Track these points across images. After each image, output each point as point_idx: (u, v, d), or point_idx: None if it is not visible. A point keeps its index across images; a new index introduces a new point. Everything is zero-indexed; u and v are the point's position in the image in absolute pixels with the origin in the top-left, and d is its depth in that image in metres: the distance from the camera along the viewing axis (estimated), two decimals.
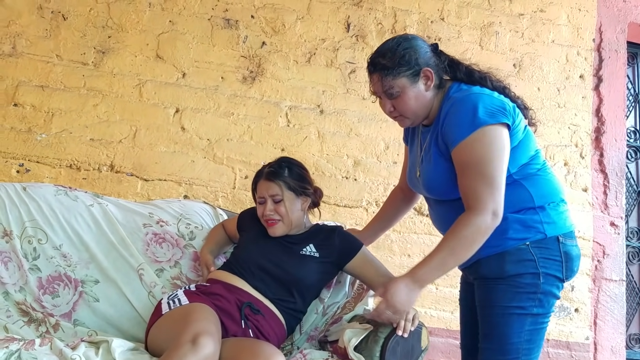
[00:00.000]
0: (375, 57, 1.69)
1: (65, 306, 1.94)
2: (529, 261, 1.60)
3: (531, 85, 3.03)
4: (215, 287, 1.79)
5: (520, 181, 1.63)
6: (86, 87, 2.60)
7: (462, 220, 1.55)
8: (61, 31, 2.62)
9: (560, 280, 1.64)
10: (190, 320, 1.53)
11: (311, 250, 1.91)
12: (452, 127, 1.60)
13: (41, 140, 2.53)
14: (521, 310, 1.60)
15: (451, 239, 1.56)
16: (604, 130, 3.11)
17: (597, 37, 3.17)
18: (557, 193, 1.68)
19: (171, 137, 2.64)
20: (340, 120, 2.82)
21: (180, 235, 2.10)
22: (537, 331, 1.63)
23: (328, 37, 2.86)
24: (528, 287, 1.59)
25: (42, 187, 2.10)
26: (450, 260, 1.55)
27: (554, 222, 1.63)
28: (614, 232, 3.05)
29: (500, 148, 1.56)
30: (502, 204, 1.54)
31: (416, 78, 1.65)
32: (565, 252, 1.63)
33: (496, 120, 1.56)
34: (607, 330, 2.97)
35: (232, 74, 2.74)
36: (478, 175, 1.54)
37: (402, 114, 1.69)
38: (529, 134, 1.69)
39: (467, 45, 2.99)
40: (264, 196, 1.92)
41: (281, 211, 1.90)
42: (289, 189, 1.91)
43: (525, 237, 1.60)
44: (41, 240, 1.99)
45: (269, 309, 1.80)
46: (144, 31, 2.68)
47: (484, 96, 1.61)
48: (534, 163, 1.67)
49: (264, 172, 1.94)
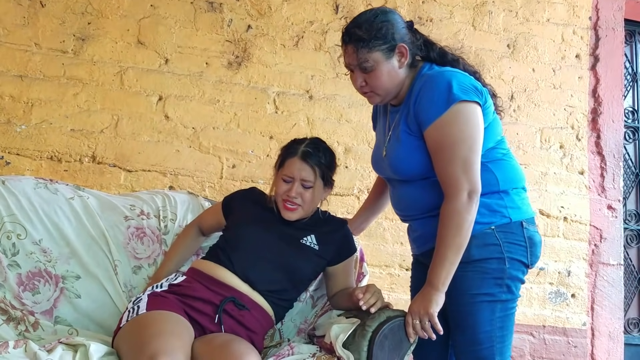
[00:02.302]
0: (351, 27, 1.64)
1: (46, 303, 1.89)
2: (494, 245, 1.60)
3: (526, 66, 2.96)
4: (193, 286, 1.69)
5: (487, 164, 1.62)
6: (66, 76, 2.52)
7: (443, 212, 1.56)
8: (39, 18, 2.53)
9: (525, 266, 1.64)
10: (147, 338, 1.43)
11: (312, 241, 1.83)
12: (426, 104, 1.58)
13: (21, 131, 2.46)
14: (490, 297, 1.60)
15: (443, 235, 1.56)
16: (601, 111, 3.05)
17: (593, 15, 3.09)
18: (520, 179, 1.70)
19: (154, 126, 2.57)
20: (330, 106, 2.75)
21: (160, 229, 2.04)
22: (508, 317, 1.64)
23: (316, 20, 2.78)
24: (494, 273, 1.60)
25: (22, 180, 2.04)
26: (452, 254, 1.55)
27: (518, 207, 1.65)
28: (611, 215, 3.00)
29: (475, 125, 1.56)
30: (477, 181, 1.55)
31: (391, 53, 1.62)
32: (529, 237, 1.64)
33: (470, 97, 1.55)
34: (604, 316, 2.93)
35: (217, 60, 2.66)
36: (452, 158, 1.54)
37: (373, 89, 1.66)
38: (497, 120, 1.70)
39: (460, 26, 2.91)
40: (294, 176, 1.77)
41: (307, 198, 1.78)
42: (322, 177, 1.81)
43: (491, 222, 1.61)
44: (20, 235, 1.94)
45: (254, 303, 1.71)
46: (125, 16, 2.60)
47: (458, 74, 1.61)
48: (500, 148, 1.68)
49: (299, 150, 1.79)
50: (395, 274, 2.72)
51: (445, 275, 1.55)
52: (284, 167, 1.81)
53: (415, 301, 1.60)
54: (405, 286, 2.69)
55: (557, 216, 2.90)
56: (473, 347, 1.62)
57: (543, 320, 2.84)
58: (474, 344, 1.62)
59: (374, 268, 2.66)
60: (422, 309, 1.57)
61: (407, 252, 2.71)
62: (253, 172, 2.63)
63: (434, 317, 1.56)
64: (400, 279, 2.71)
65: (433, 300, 1.55)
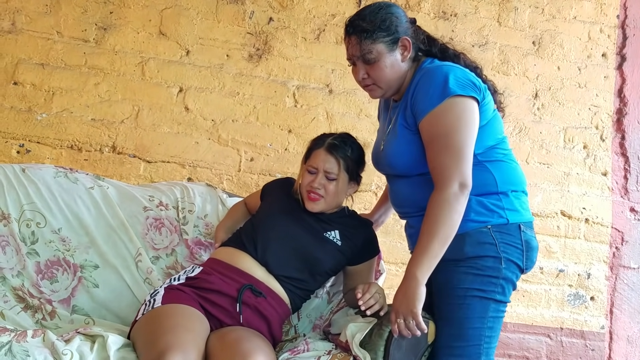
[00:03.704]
0: (355, 19, 1.65)
1: (63, 292, 1.91)
2: (489, 244, 1.56)
3: (551, 63, 2.90)
4: (210, 278, 1.69)
5: (485, 164, 1.60)
6: (87, 65, 2.53)
7: (431, 202, 1.52)
8: (62, 7, 2.54)
9: (520, 270, 1.60)
10: (160, 332, 1.43)
11: (335, 236, 1.82)
12: (422, 97, 1.57)
13: (41, 120, 2.47)
14: (483, 293, 1.56)
15: (428, 225, 1.51)
16: (626, 111, 2.98)
17: (621, 13, 3.02)
18: (520, 182, 1.67)
19: (174, 117, 2.56)
20: (349, 101, 2.73)
21: (179, 220, 2.04)
22: (498, 320, 1.59)
23: (338, 13, 2.75)
24: (489, 271, 1.56)
25: (42, 168, 2.05)
26: (437, 246, 1.49)
27: (516, 209, 1.61)
28: (633, 218, 2.94)
29: (469, 119, 1.53)
30: (469, 174, 1.51)
31: (394, 46, 1.62)
32: (526, 240, 1.60)
33: (466, 92, 1.54)
34: (623, 319, 2.88)
35: (238, 52, 2.64)
36: (444, 148, 1.52)
37: (376, 82, 1.65)
38: (497, 118, 1.67)
39: (485, 22, 2.86)
40: (318, 167, 1.80)
41: (330, 190, 1.80)
42: (347, 170, 1.81)
43: (487, 221, 1.58)
44: (40, 223, 1.95)
45: (271, 290, 1.71)
46: (147, 6, 2.59)
47: (456, 69, 1.59)
48: (500, 148, 1.65)
49: (326, 142, 1.82)
50: None
51: (427, 267, 1.49)
52: (310, 158, 1.84)
53: (397, 298, 1.53)
54: None
55: (578, 217, 2.85)
56: (459, 343, 1.57)
57: (561, 323, 2.80)
58: (461, 340, 1.57)
59: (390, 265, 2.64)
60: (404, 307, 1.50)
61: None
62: (271, 165, 2.62)
63: (418, 316, 1.50)
64: None
65: (415, 296, 1.49)
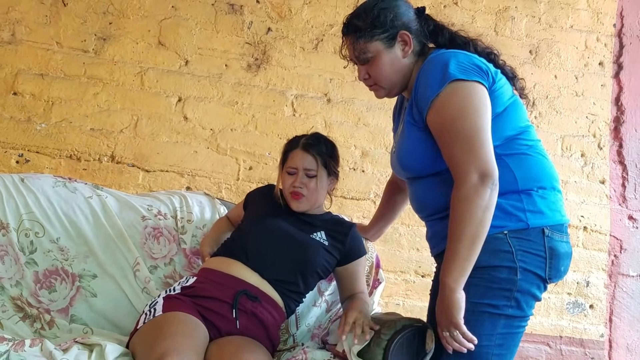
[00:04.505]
0: (350, 17, 1.57)
1: (62, 301, 1.91)
2: (505, 252, 1.41)
3: (548, 72, 2.92)
4: (204, 286, 1.70)
5: (504, 158, 1.44)
6: (86, 75, 2.54)
7: (451, 200, 1.39)
8: (61, 17, 2.55)
9: (542, 280, 1.44)
10: (159, 338, 1.43)
11: (321, 237, 1.84)
12: (422, 89, 1.45)
13: (41, 130, 2.48)
14: (493, 309, 1.42)
15: (452, 226, 1.38)
16: (624, 119, 2.99)
17: (618, 22, 3.04)
18: (548, 178, 1.49)
19: (173, 126, 2.57)
20: (348, 110, 2.74)
21: (177, 229, 2.04)
22: (512, 336, 1.45)
23: (336, 23, 2.76)
24: (502, 283, 1.41)
25: (41, 178, 2.05)
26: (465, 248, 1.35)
27: (540, 211, 1.44)
28: (632, 226, 2.95)
29: (477, 101, 1.39)
30: (488, 161, 1.36)
31: (392, 42, 1.52)
32: (550, 247, 1.43)
33: (469, 77, 1.41)
34: (623, 328, 2.87)
35: (237, 62, 2.66)
36: (454, 138, 1.38)
37: (377, 81, 1.57)
38: (517, 104, 1.52)
39: (482, 31, 2.87)
40: (297, 167, 1.84)
41: (311, 187, 1.83)
42: (324, 165, 1.85)
43: (503, 225, 1.42)
44: (38, 233, 1.95)
45: (265, 294, 1.72)
46: (146, 17, 2.61)
47: (459, 54, 1.47)
48: (522, 138, 1.48)
49: (300, 142, 1.87)
50: (410, 280, 2.70)
51: (459, 273, 1.35)
52: (287, 160, 1.88)
53: (437, 311, 1.43)
54: (420, 293, 2.67)
55: (577, 226, 2.85)
56: None
57: (560, 331, 2.79)
58: (466, 357, 1.43)
59: (389, 274, 2.64)
60: (444, 319, 1.39)
61: (423, 258, 2.69)
62: (269, 174, 2.62)
63: (460, 326, 1.37)
64: (416, 286, 2.69)
65: (452, 305, 1.36)
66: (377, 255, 2.15)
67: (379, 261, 2.14)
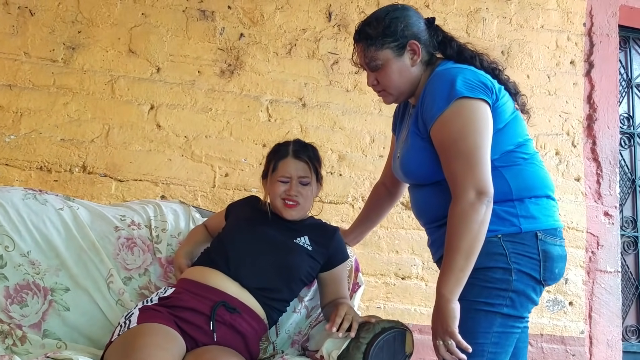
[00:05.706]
0: (362, 25, 1.62)
1: (34, 316, 1.85)
2: (499, 255, 1.47)
3: (520, 72, 2.94)
4: (182, 297, 1.66)
5: (501, 169, 1.51)
6: (56, 85, 2.50)
7: (449, 214, 1.45)
8: (29, 27, 2.51)
9: (537, 282, 1.50)
10: (134, 349, 1.40)
11: (305, 242, 1.81)
12: (429, 103, 1.51)
13: (10, 141, 2.43)
14: (489, 307, 1.47)
15: (449, 238, 1.44)
16: (596, 117, 3.04)
17: (587, 21, 3.08)
18: (542, 187, 1.55)
19: (146, 135, 2.54)
20: (323, 114, 2.73)
21: (151, 239, 2.01)
22: (506, 335, 1.50)
23: (309, 27, 2.76)
24: (498, 283, 1.47)
25: (10, 190, 2.00)
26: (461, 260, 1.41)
27: (533, 216, 1.50)
28: (608, 222, 2.98)
29: (479, 121, 1.45)
30: (485, 180, 1.43)
31: (401, 51, 1.57)
32: (544, 250, 1.49)
33: (474, 94, 1.47)
34: (602, 324, 2.90)
35: (209, 68, 2.63)
36: (456, 155, 1.45)
37: (385, 88, 1.62)
38: (518, 120, 1.58)
39: (453, 33, 2.80)
40: (291, 175, 1.79)
41: (307, 195, 1.80)
42: (315, 171, 1.83)
43: (497, 230, 1.47)
44: (8, 247, 1.89)
45: (245, 305, 1.69)
46: (116, 25, 2.57)
47: (465, 70, 1.52)
48: (520, 151, 1.55)
49: (290, 150, 1.83)
50: (390, 283, 2.69)
51: (454, 283, 1.41)
52: (278, 169, 1.82)
53: (432, 320, 1.46)
54: (401, 295, 2.67)
55: None
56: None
57: (541, 329, 2.81)
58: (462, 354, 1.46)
59: (369, 277, 2.63)
60: (439, 328, 1.43)
61: (402, 261, 2.69)
62: (246, 180, 2.60)
63: (455, 335, 1.41)
64: (396, 288, 2.68)
65: (447, 315, 1.41)
66: (356, 258, 2.14)
67: (358, 264, 2.12)
